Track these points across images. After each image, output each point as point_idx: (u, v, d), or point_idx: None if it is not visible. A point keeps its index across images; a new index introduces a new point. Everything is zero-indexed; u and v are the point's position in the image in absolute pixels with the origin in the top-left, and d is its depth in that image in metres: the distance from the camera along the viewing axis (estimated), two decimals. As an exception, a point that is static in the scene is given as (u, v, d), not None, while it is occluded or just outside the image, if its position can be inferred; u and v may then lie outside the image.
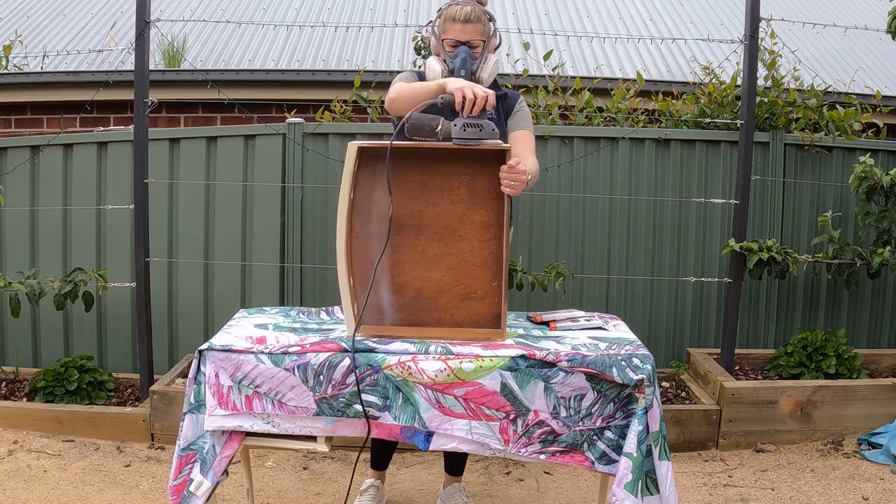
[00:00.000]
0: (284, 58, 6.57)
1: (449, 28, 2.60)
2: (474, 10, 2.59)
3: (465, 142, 2.22)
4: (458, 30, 2.58)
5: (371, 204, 2.36)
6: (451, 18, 2.60)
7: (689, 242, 4.27)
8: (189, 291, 4.21)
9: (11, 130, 6.06)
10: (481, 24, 2.60)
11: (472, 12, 2.58)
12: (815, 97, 4.27)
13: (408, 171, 2.35)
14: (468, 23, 2.58)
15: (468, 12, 2.58)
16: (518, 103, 2.76)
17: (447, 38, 2.61)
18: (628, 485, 2.09)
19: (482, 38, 2.60)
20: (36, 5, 7.72)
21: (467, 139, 2.22)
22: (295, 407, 2.18)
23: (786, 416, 3.61)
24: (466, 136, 2.21)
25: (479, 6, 2.63)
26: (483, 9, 2.64)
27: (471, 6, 2.60)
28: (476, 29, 2.59)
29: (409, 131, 2.24)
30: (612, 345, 2.27)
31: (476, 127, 2.22)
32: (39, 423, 3.63)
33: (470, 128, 2.21)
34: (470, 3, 2.63)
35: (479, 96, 2.22)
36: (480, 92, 2.23)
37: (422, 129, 2.23)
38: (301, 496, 3.13)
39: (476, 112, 2.23)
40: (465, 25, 2.58)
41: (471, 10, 2.58)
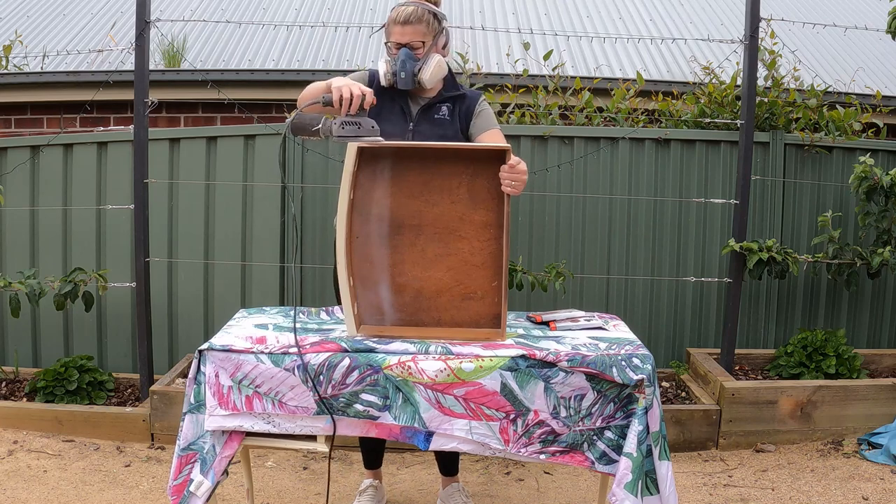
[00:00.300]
0: (284, 58, 6.57)
1: (391, 30, 2.59)
2: (416, 10, 2.56)
3: (343, 139, 2.27)
4: (398, 32, 2.57)
5: (371, 204, 2.36)
6: (393, 21, 2.59)
7: (689, 242, 4.27)
8: (189, 291, 4.21)
9: (11, 130, 6.06)
10: (423, 25, 2.57)
11: (413, 13, 2.55)
12: (815, 97, 4.27)
13: (408, 171, 2.35)
14: (407, 24, 2.55)
15: (408, 14, 2.55)
16: (479, 104, 2.72)
17: (390, 41, 2.60)
18: (628, 485, 2.09)
19: (422, 40, 2.57)
20: (36, 5, 7.72)
21: (346, 136, 2.26)
22: (295, 407, 2.18)
23: (786, 416, 3.61)
24: (344, 134, 2.27)
25: (425, 6, 2.59)
26: (428, 7, 2.60)
27: (413, 6, 2.57)
28: (416, 30, 2.56)
29: (293, 130, 2.32)
30: (612, 345, 2.27)
31: (354, 125, 2.27)
32: (39, 423, 3.63)
33: (348, 126, 2.27)
34: (414, 2, 2.59)
35: (355, 95, 2.26)
36: (357, 91, 2.27)
37: (304, 129, 2.32)
38: (301, 496, 3.13)
39: (353, 111, 2.27)
40: (404, 27, 2.56)
41: (412, 11, 2.55)
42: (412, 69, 2.55)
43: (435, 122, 2.65)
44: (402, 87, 2.58)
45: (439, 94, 2.67)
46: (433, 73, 2.58)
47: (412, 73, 2.55)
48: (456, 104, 2.69)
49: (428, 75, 2.57)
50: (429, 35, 2.59)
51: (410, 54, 2.55)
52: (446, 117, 2.67)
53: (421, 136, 2.62)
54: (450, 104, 2.68)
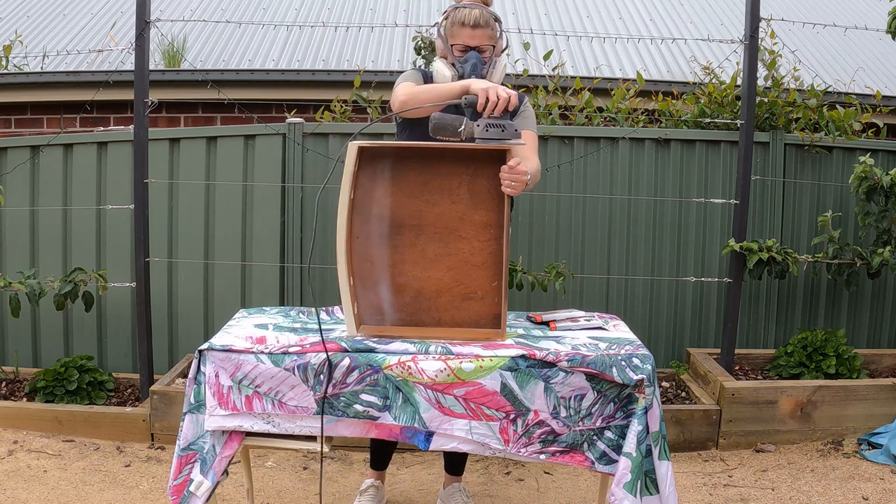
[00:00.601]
0: (284, 58, 6.57)
1: (458, 33, 2.57)
2: (483, 14, 2.56)
3: (488, 141, 2.24)
4: (467, 35, 2.56)
5: (371, 204, 2.36)
6: (459, 23, 2.57)
7: (689, 242, 4.27)
8: (189, 291, 4.21)
9: (11, 130, 6.06)
10: (490, 29, 2.58)
11: (481, 17, 2.55)
12: (815, 97, 4.27)
13: (408, 171, 2.35)
14: (477, 28, 2.55)
15: (477, 17, 2.55)
16: (523, 104, 2.75)
17: (456, 44, 2.58)
18: (627, 484, 2.09)
19: (491, 43, 2.59)
20: (36, 5, 7.72)
21: (490, 139, 2.24)
22: (295, 407, 2.18)
23: (786, 416, 3.61)
24: (489, 136, 2.24)
25: (487, 9, 2.60)
26: (491, 12, 2.61)
27: (479, 10, 2.57)
28: (485, 34, 2.57)
29: (433, 130, 2.27)
30: (612, 345, 2.27)
31: (498, 127, 2.24)
32: (39, 423, 3.63)
33: (493, 128, 2.24)
34: (477, 5, 2.60)
35: (503, 97, 2.23)
36: (504, 94, 2.23)
37: (445, 129, 2.27)
38: (301, 496, 3.13)
39: (499, 113, 2.24)
40: (474, 31, 2.55)
41: (479, 14, 2.55)
42: (482, 72, 2.55)
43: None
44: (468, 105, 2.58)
45: None
46: (500, 75, 2.60)
47: (481, 76, 2.54)
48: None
49: (497, 78, 2.58)
50: (494, 38, 2.61)
51: (480, 58, 2.55)
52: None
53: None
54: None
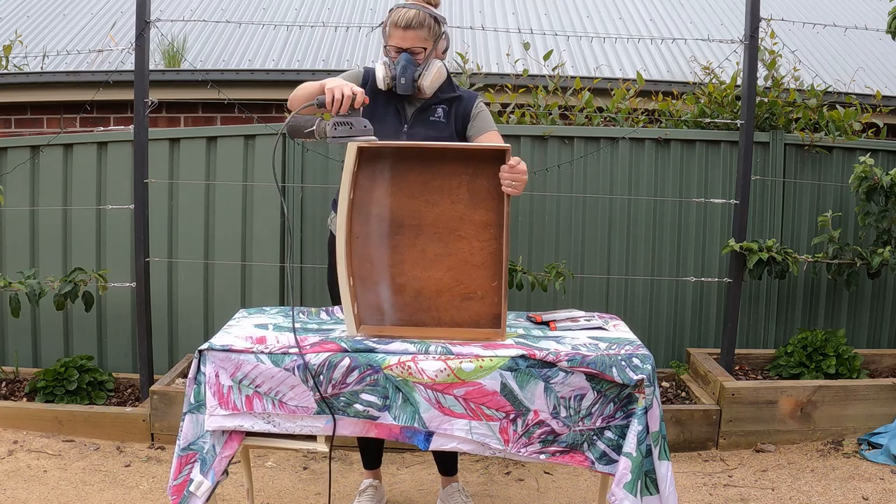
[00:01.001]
0: (284, 58, 6.57)
1: (392, 33, 2.56)
2: (418, 15, 2.53)
3: (336, 140, 2.27)
4: (399, 37, 2.54)
5: (371, 204, 2.36)
6: (393, 24, 2.55)
7: (689, 242, 4.27)
8: (189, 291, 4.21)
9: (11, 130, 6.06)
10: (424, 30, 2.54)
11: (415, 18, 2.52)
12: (815, 97, 4.27)
13: (408, 171, 2.35)
14: (409, 29, 2.53)
15: (410, 18, 2.52)
16: (476, 105, 2.70)
17: (391, 45, 2.57)
18: (627, 484, 2.09)
19: (423, 45, 2.55)
20: (36, 5, 7.72)
21: (338, 137, 2.26)
22: (295, 406, 2.18)
23: (786, 416, 3.61)
24: (337, 135, 2.26)
25: (426, 9, 2.56)
26: (429, 12, 2.56)
27: (415, 10, 2.53)
28: (418, 36, 2.54)
29: (289, 132, 2.32)
30: (612, 345, 2.27)
31: (346, 125, 2.26)
32: (39, 423, 3.63)
33: (340, 126, 2.26)
34: (416, 5, 2.56)
35: (346, 95, 2.24)
36: (347, 91, 2.25)
37: (299, 130, 2.32)
38: (301, 496, 3.13)
39: (343, 111, 2.25)
40: (405, 32, 2.53)
41: (414, 15, 2.52)
42: (412, 75, 2.53)
43: (430, 124, 2.64)
44: (402, 93, 2.57)
45: (435, 95, 2.65)
46: (434, 79, 2.57)
47: (412, 79, 2.54)
48: (452, 106, 2.67)
49: (428, 82, 2.56)
50: (430, 40, 2.57)
51: (411, 59, 2.54)
52: (441, 119, 2.65)
53: (414, 139, 2.60)
54: (445, 106, 2.66)
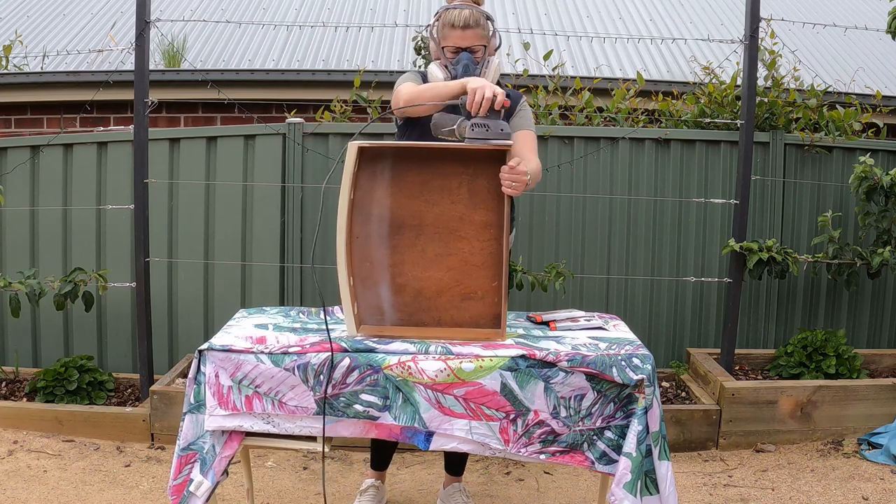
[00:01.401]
0: (284, 58, 6.57)
1: (448, 34, 2.56)
2: (472, 14, 2.54)
3: (473, 141, 2.23)
4: (457, 37, 2.54)
5: (371, 204, 2.36)
6: (449, 24, 2.55)
7: (689, 242, 4.27)
8: (189, 291, 4.21)
9: (11, 130, 6.06)
10: (481, 29, 2.55)
11: (471, 17, 2.53)
12: (815, 97, 4.27)
13: (407, 171, 2.35)
14: (468, 28, 2.53)
15: (466, 17, 2.52)
16: (520, 104, 2.73)
17: (447, 46, 2.57)
18: (627, 484, 2.09)
19: (482, 43, 2.56)
20: (36, 5, 7.72)
21: (473, 139, 2.23)
22: (295, 407, 2.18)
23: (786, 416, 3.61)
24: (473, 136, 2.23)
25: (477, 8, 2.58)
26: (481, 10, 2.58)
27: (469, 9, 2.54)
28: (476, 34, 2.54)
29: (433, 129, 2.30)
30: (612, 345, 2.27)
31: (482, 127, 2.22)
32: (39, 423, 3.63)
33: (477, 128, 2.22)
34: (467, 5, 2.58)
35: (487, 97, 2.19)
36: (488, 93, 2.19)
37: (442, 127, 2.31)
38: (301, 496, 3.13)
39: (484, 112, 2.21)
40: (464, 32, 2.53)
41: (469, 14, 2.53)
42: (474, 73, 2.53)
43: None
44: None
45: None
46: (494, 75, 2.58)
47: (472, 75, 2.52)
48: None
49: (489, 78, 2.56)
50: (486, 37, 2.58)
51: (472, 58, 2.53)
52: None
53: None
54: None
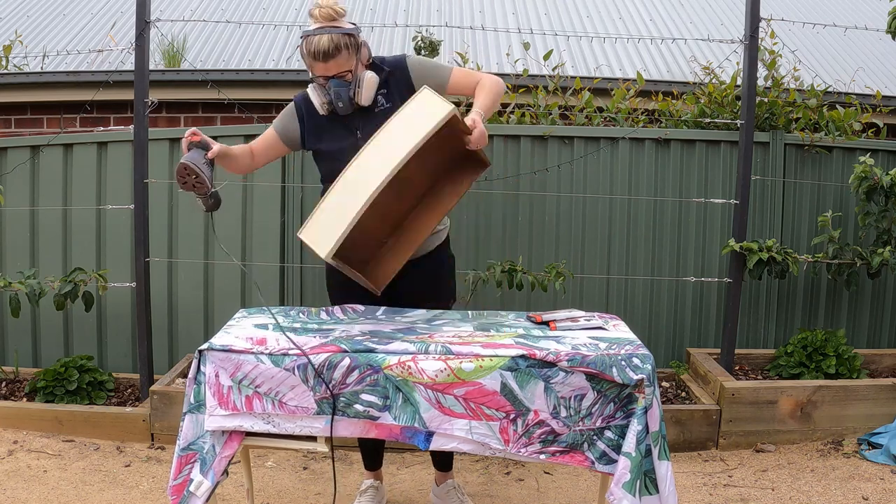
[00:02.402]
0: (284, 58, 6.57)
1: (312, 64, 2.48)
2: (331, 40, 2.42)
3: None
4: (321, 68, 2.46)
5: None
6: (311, 56, 2.45)
7: (689, 242, 4.27)
8: (189, 291, 4.21)
9: (11, 130, 6.06)
10: (344, 53, 2.45)
11: (330, 45, 2.42)
12: (815, 97, 4.27)
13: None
14: (329, 59, 2.44)
15: (325, 48, 2.42)
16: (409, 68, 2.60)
17: (315, 76, 2.50)
18: (626, 484, 2.09)
19: (348, 68, 2.48)
20: (36, 5, 7.72)
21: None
22: (295, 407, 2.18)
23: (786, 416, 3.61)
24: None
25: (337, 30, 2.44)
26: (341, 30, 2.45)
27: (328, 35, 2.42)
28: (338, 63, 2.45)
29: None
30: (612, 345, 2.27)
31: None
32: (39, 423, 3.63)
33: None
34: (326, 28, 2.44)
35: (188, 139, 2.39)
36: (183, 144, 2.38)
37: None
38: (301, 496, 3.13)
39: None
40: (326, 64, 2.45)
41: (328, 42, 2.42)
42: (348, 96, 2.51)
43: (377, 116, 2.54)
44: (345, 114, 2.56)
45: None
46: (368, 92, 2.53)
47: (349, 98, 2.51)
48: (389, 85, 2.60)
49: (365, 97, 2.52)
50: (351, 60, 2.48)
51: (341, 83, 2.48)
52: (386, 105, 2.58)
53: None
54: (383, 90, 2.60)
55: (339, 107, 2.52)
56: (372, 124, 2.53)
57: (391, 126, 2.25)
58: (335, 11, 2.46)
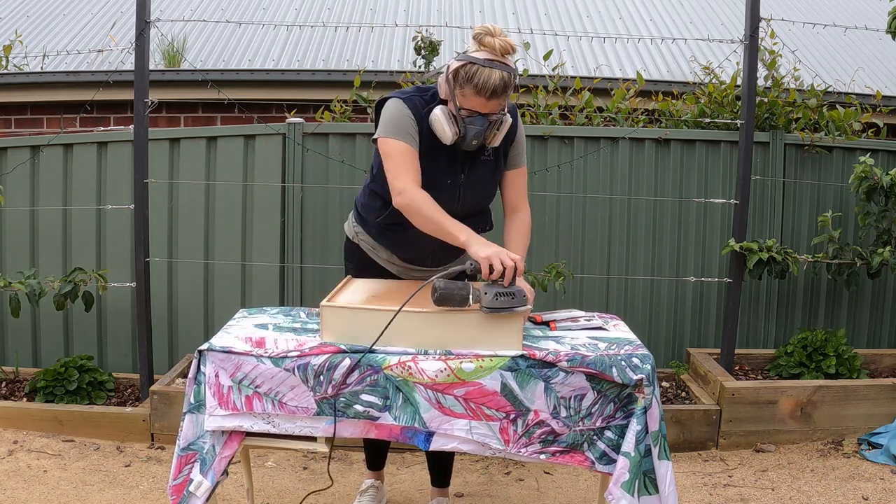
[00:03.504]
0: (284, 58, 6.57)
1: (470, 96, 2.26)
2: (503, 79, 2.23)
3: (497, 311, 2.13)
4: (479, 104, 2.27)
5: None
6: (475, 89, 2.24)
7: (689, 242, 4.27)
8: (189, 291, 4.21)
9: (11, 130, 6.06)
10: (507, 94, 2.28)
11: (500, 84, 2.23)
12: (815, 97, 4.27)
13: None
14: (493, 97, 2.26)
15: (496, 86, 2.23)
16: (518, 129, 2.51)
17: (464, 105, 2.29)
18: (625, 484, 2.09)
19: (503, 108, 2.34)
20: (36, 5, 7.72)
21: (499, 309, 2.12)
22: (295, 407, 2.18)
23: (786, 416, 3.61)
24: (498, 307, 2.12)
25: (508, 69, 2.25)
26: (512, 70, 2.27)
27: (500, 72, 2.22)
28: (499, 102, 2.29)
29: (439, 301, 2.13)
30: (611, 345, 2.27)
31: (509, 296, 2.12)
32: (39, 423, 3.63)
33: (502, 297, 2.12)
34: (500, 64, 2.24)
35: (508, 266, 2.09)
36: (509, 262, 2.10)
37: (452, 299, 2.14)
38: (301, 496, 3.13)
39: (507, 283, 2.11)
40: (489, 101, 2.27)
41: (499, 81, 2.23)
42: (483, 136, 2.33)
43: (482, 164, 2.47)
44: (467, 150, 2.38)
45: None
46: (501, 136, 2.39)
47: (483, 138, 2.34)
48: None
49: (498, 140, 2.39)
50: (507, 100, 2.34)
51: (485, 122, 2.31)
52: (490, 157, 2.47)
53: (470, 187, 2.47)
54: None
55: (472, 143, 2.33)
56: (476, 172, 2.47)
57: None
58: (512, 47, 2.26)
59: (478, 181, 2.49)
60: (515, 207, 2.60)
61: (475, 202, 2.54)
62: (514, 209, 2.60)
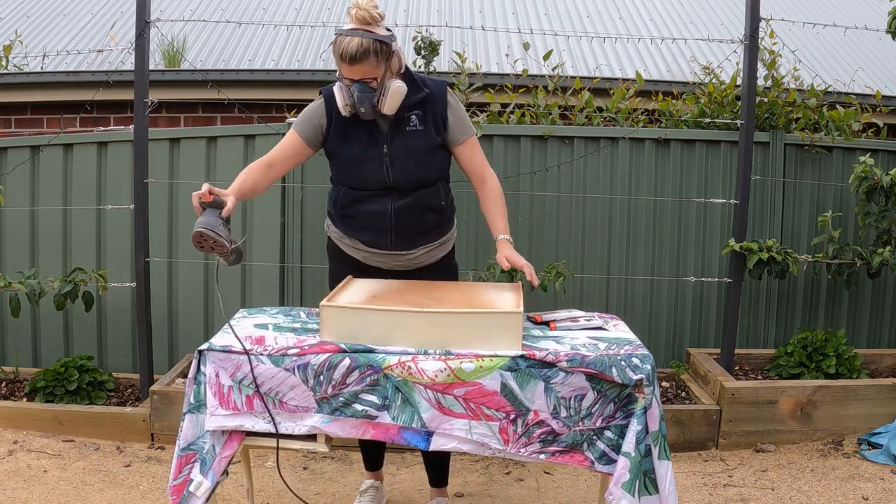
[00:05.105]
0: (284, 58, 6.57)
1: (339, 65, 2.44)
2: (361, 44, 2.37)
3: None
4: (346, 70, 2.42)
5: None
6: (339, 57, 2.42)
7: (689, 242, 4.27)
8: (189, 291, 4.21)
9: (11, 130, 6.06)
10: (371, 59, 2.39)
11: (359, 50, 2.37)
12: (815, 97, 4.27)
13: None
14: (355, 63, 2.39)
15: (353, 51, 2.37)
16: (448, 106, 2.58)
17: (341, 76, 2.46)
18: (625, 484, 2.09)
19: (374, 75, 2.42)
20: (36, 5, 7.72)
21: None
22: (295, 406, 2.18)
23: (786, 416, 3.61)
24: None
25: (369, 34, 2.39)
26: (374, 36, 2.39)
27: (358, 39, 2.38)
28: (365, 68, 2.40)
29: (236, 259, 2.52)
30: (611, 345, 2.27)
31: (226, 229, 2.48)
32: (39, 423, 3.63)
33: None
34: (359, 31, 2.39)
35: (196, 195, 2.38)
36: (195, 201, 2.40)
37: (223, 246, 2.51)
38: (301, 496, 3.13)
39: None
40: (352, 66, 2.40)
41: (357, 46, 2.37)
42: (371, 102, 2.45)
43: (407, 135, 2.56)
44: (367, 119, 2.51)
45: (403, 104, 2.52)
46: (393, 102, 2.47)
47: (372, 105, 2.45)
48: (425, 108, 2.57)
49: (387, 106, 2.46)
50: (380, 67, 2.43)
51: (365, 88, 2.43)
52: (418, 127, 2.56)
53: (395, 154, 2.54)
54: (418, 110, 2.56)
55: (361, 111, 2.46)
56: (400, 141, 2.55)
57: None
58: (371, 16, 2.40)
59: (407, 152, 2.55)
60: (480, 178, 2.68)
61: (411, 174, 2.58)
62: (480, 180, 2.68)
